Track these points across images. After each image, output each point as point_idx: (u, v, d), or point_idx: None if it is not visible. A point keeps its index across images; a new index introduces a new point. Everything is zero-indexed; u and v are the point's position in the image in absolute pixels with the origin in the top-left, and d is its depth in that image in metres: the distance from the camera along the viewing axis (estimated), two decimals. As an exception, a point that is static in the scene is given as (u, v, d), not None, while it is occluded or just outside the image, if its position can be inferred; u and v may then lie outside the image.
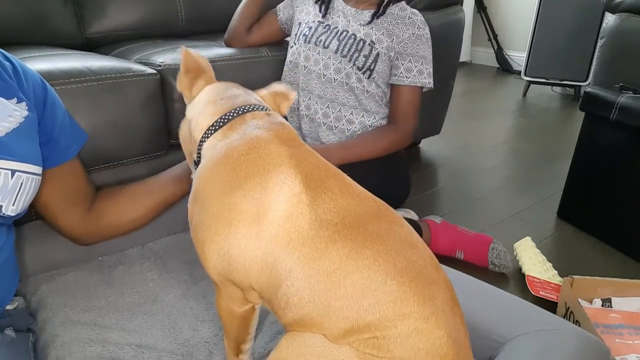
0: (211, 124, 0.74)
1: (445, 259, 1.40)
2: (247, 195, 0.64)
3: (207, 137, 0.73)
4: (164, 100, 1.33)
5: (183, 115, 1.35)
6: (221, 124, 0.73)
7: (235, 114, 0.73)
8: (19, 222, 0.91)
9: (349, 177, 0.71)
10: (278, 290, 0.64)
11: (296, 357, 0.62)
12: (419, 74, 1.33)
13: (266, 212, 0.64)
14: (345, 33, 1.35)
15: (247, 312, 0.72)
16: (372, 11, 1.34)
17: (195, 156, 0.76)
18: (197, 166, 0.75)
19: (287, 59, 1.45)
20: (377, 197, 0.69)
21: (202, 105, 0.78)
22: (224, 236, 0.65)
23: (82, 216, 0.98)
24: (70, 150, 0.93)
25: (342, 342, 0.61)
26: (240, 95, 0.78)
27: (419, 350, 0.59)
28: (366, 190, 0.70)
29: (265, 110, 0.76)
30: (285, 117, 1.51)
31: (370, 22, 1.33)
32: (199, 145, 0.74)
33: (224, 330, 0.77)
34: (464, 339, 0.63)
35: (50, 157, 0.88)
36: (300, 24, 1.43)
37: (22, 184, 0.76)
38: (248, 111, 0.74)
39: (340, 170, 0.71)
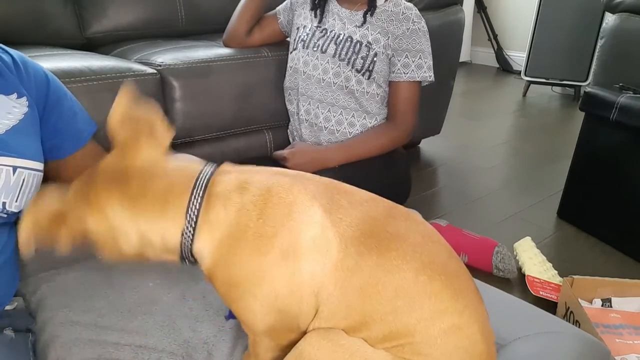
0: (182, 228, 0.59)
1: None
2: (277, 242, 0.59)
3: (187, 239, 0.59)
4: (163, 100, 1.33)
5: (183, 115, 1.36)
6: (193, 219, 0.59)
7: (198, 199, 0.59)
8: (19, 222, 0.91)
9: (346, 184, 0.68)
10: (314, 314, 0.63)
11: (328, 354, 0.60)
12: (418, 68, 1.32)
13: (299, 249, 0.60)
14: (341, 36, 1.34)
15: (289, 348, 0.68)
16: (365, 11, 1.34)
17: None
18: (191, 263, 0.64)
19: (288, 65, 1.45)
20: (381, 197, 0.69)
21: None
22: (267, 286, 0.61)
23: None
24: (83, 136, 0.93)
25: (379, 347, 0.60)
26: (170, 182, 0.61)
27: (459, 349, 0.59)
28: (367, 192, 0.69)
29: (210, 173, 0.62)
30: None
31: (364, 23, 1.33)
32: (182, 251, 0.61)
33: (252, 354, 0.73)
34: (492, 336, 0.64)
35: (63, 145, 0.89)
36: (298, 28, 1.43)
37: (24, 180, 0.76)
38: (200, 193, 0.59)
39: (336, 180, 0.68)
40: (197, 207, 0.58)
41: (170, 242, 0.60)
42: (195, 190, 0.59)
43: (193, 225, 0.58)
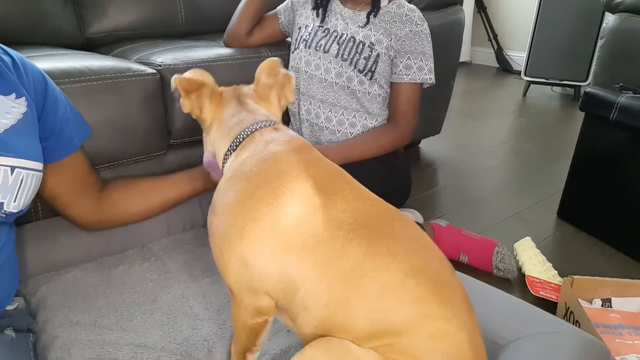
0: (227, 149, 0.78)
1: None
2: (260, 202, 0.66)
3: (226, 160, 0.78)
4: (163, 100, 1.33)
5: (183, 115, 1.36)
6: (234, 147, 0.77)
7: (244, 135, 0.77)
8: (19, 222, 0.91)
9: (358, 182, 0.72)
10: (296, 296, 0.64)
11: None
12: (419, 70, 1.33)
13: (279, 217, 0.65)
14: (344, 36, 1.34)
15: (259, 325, 0.72)
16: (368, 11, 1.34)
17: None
18: None
19: (290, 64, 1.45)
20: (385, 201, 0.70)
21: (216, 134, 0.83)
22: (239, 241, 0.66)
23: (92, 205, 1.00)
24: (73, 143, 0.94)
25: (366, 345, 0.61)
26: (245, 117, 0.80)
27: (444, 354, 0.59)
28: (375, 195, 0.70)
29: (273, 124, 0.79)
30: (288, 119, 1.52)
31: (367, 23, 1.33)
32: (223, 167, 0.79)
33: (233, 335, 0.77)
34: (481, 345, 0.63)
35: (54, 150, 0.89)
36: (300, 28, 1.43)
37: (22, 180, 0.76)
38: (256, 129, 0.77)
39: (350, 175, 0.73)
40: (239, 141, 0.76)
41: (221, 152, 0.79)
42: (244, 131, 0.77)
43: (231, 151, 0.77)
